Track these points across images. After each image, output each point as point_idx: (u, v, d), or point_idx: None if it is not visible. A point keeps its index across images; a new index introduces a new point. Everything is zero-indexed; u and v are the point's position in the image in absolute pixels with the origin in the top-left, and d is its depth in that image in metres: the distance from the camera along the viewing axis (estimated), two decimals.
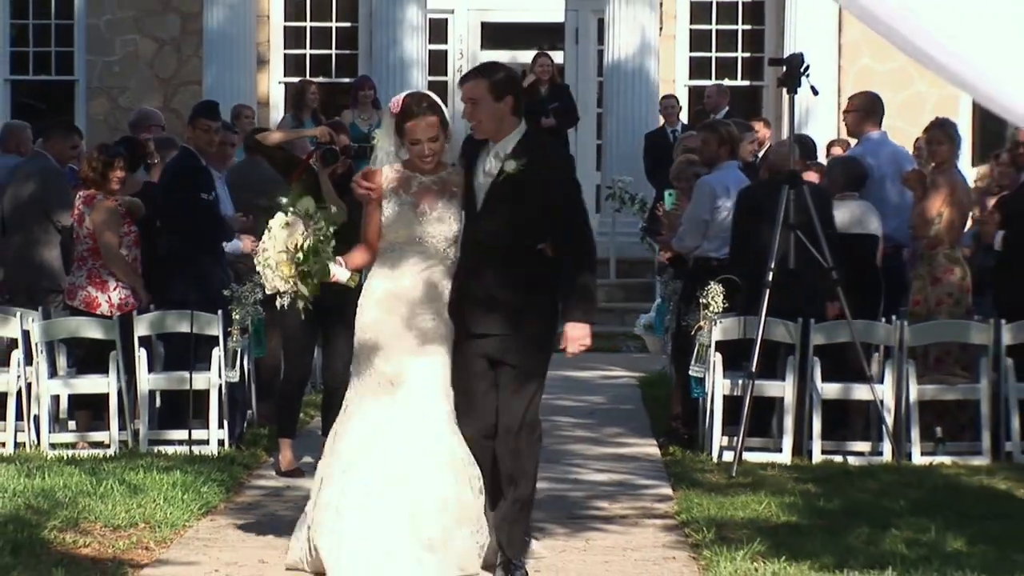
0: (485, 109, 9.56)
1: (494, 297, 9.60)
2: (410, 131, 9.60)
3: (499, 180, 9.56)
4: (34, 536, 10.76)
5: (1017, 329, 14.37)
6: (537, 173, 9.57)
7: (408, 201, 9.69)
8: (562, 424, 16.25)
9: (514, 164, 9.49)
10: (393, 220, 9.69)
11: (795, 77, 14.40)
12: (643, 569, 10.36)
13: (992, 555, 10.26)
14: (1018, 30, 4.05)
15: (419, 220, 9.65)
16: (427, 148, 9.60)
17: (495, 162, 9.62)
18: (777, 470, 13.74)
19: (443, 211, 9.70)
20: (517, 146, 9.60)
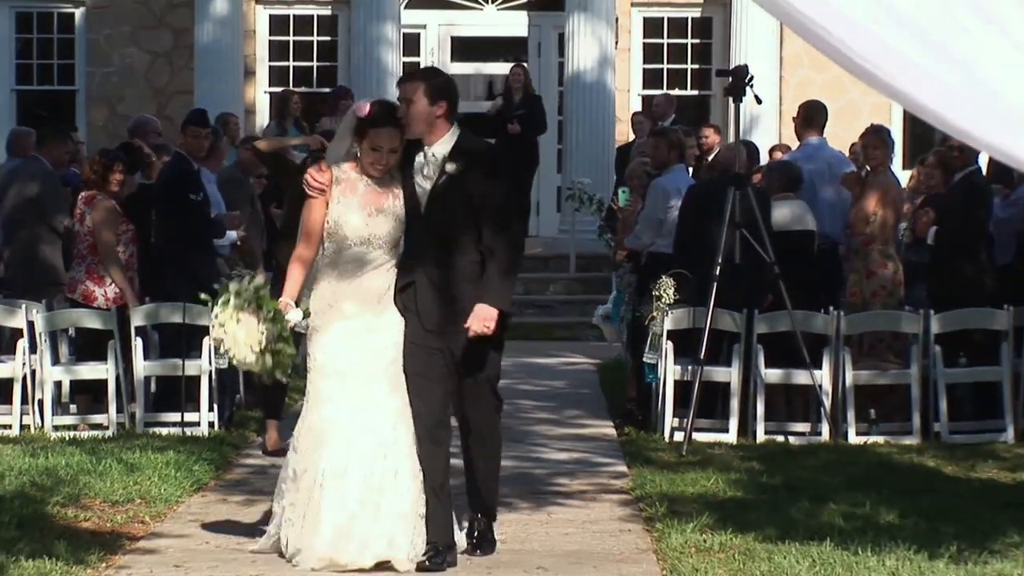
0: (418, 110, 9.25)
1: (443, 293, 9.34)
2: (374, 137, 9.20)
3: (440, 182, 9.31)
4: (38, 511, 10.76)
5: (945, 319, 14.42)
6: (475, 173, 9.34)
7: (356, 203, 9.26)
8: (525, 407, 16.26)
9: (454, 166, 9.26)
10: (342, 221, 9.24)
11: (740, 87, 14.46)
12: (601, 540, 10.37)
13: (922, 527, 10.31)
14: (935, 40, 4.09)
15: (367, 222, 9.22)
16: (386, 158, 9.24)
17: (432, 165, 9.35)
18: (724, 449, 13.78)
19: (389, 212, 9.29)
20: (454, 148, 9.34)
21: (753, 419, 14.36)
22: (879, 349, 14.84)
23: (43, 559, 9.41)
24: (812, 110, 16.73)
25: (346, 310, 9.25)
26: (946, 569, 9.23)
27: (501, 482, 12.29)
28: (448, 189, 9.30)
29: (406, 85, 9.43)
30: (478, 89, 27.56)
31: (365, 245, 9.23)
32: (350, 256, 9.26)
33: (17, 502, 10.90)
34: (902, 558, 9.43)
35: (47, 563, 9.31)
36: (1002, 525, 10.34)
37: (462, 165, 9.27)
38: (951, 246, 14.97)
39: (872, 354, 14.77)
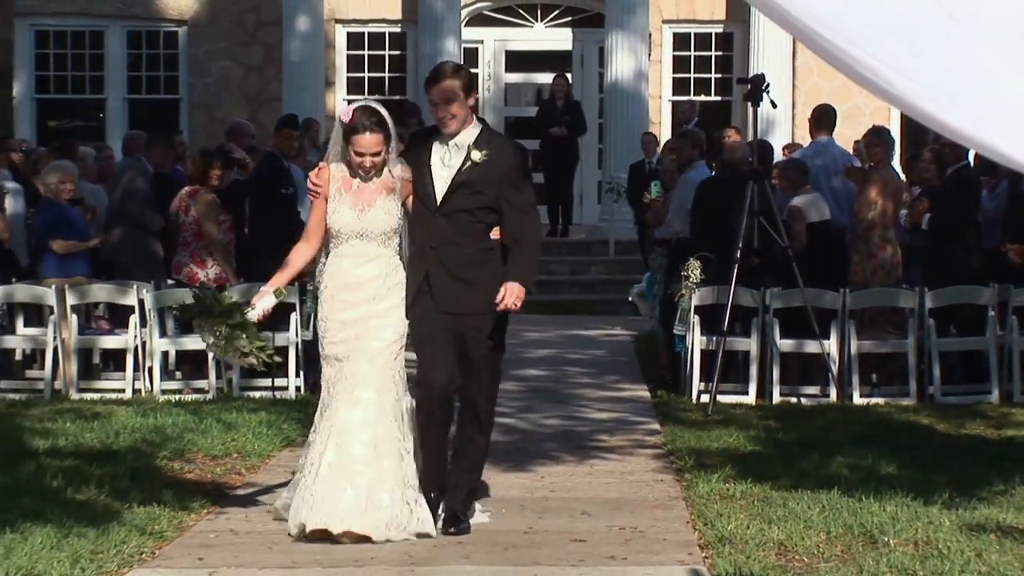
0: (459, 109, 8.61)
1: (457, 277, 8.72)
2: (355, 143, 8.63)
3: (463, 168, 8.66)
4: (148, 464, 10.82)
5: (938, 295, 14.38)
6: (501, 163, 8.70)
7: (349, 200, 8.70)
8: (571, 373, 16.27)
9: (479, 154, 8.62)
10: (338, 216, 8.71)
11: (758, 93, 14.43)
12: (637, 489, 10.36)
13: (918, 477, 10.27)
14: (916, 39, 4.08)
15: (359, 217, 8.67)
16: (368, 162, 8.63)
17: (456, 152, 8.69)
18: (744, 409, 13.76)
19: (381, 206, 8.70)
20: (479, 139, 8.70)
21: (769, 383, 14.32)
22: (880, 322, 14.80)
23: (153, 506, 9.45)
24: (823, 113, 16.73)
25: (347, 298, 8.76)
26: (939, 514, 9.20)
27: (549, 438, 12.36)
28: (471, 176, 8.68)
29: (443, 87, 8.63)
30: (528, 96, 27.56)
31: (359, 238, 8.72)
32: (347, 249, 8.78)
33: (130, 456, 10.96)
34: (900, 504, 9.41)
35: (156, 509, 9.36)
36: (988, 476, 10.30)
37: (487, 155, 8.66)
38: (943, 232, 14.95)
39: (874, 326, 14.73)
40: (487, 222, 8.76)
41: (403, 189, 8.79)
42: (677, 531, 9.06)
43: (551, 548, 8.63)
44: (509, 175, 8.75)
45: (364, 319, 8.73)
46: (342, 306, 8.76)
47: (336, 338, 8.77)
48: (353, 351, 8.73)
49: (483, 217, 8.74)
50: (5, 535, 8.54)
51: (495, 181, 8.67)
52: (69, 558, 8.10)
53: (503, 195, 8.68)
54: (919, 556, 8.24)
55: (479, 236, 8.77)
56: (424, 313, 8.75)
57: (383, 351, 8.75)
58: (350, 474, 8.57)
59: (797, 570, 7.98)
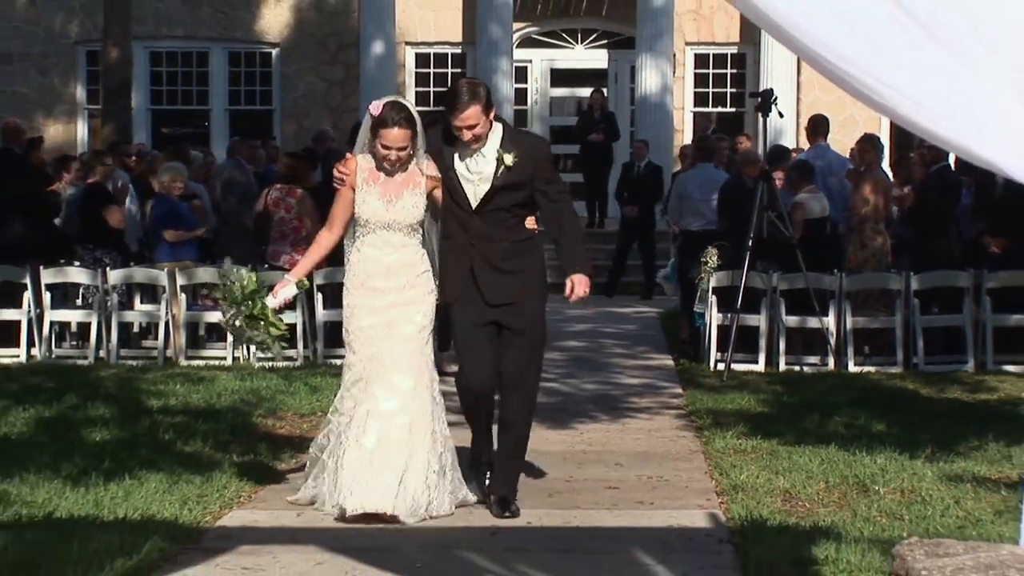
0: (481, 130, 7.74)
1: (503, 268, 7.92)
2: (383, 137, 7.82)
3: (499, 174, 7.80)
4: (245, 421, 10.87)
5: (922, 279, 14.34)
6: (528, 160, 7.84)
7: (377, 191, 7.87)
8: (606, 344, 16.25)
9: (511, 157, 7.76)
10: (366, 207, 7.88)
11: (767, 105, 14.39)
12: (662, 444, 10.35)
13: (903, 434, 10.24)
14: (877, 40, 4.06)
15: (387, 208, 7.85)
16: (394, 155, 7.82)
17: (481, 158, 7.84)
18: (754, 376, 13.72)
19: (408, 199, 7.87)
20: (504, 141, 7.85)
21: (776, 353, 14.28)
22: (871, 302, 14.74)
23: (250, 456, 9.50)
24: (819, 121, 16.72)
25: (376, 285, 7.91)
26: (922, 466, 9.17)
27: (587, 400, 12.34)
28: (506, 179, 7.83)
29: (466, 113, 7.71)
30: (570, 108, 27.50)
31: (387, 229, 7.88)
32: (374, 238, 7.92)
33: (230, 414, 11.02)
34: (889, 458, 9.38)
35: (252, 459, 9.41)
36: (965, 434, 10.26)
37: (517, 156, 7.80)
38: (926, 224, 14.91)
39: (866, 305, 14.68)
40: (521, 215, 8.01)
41: (429, 184, 7.96)
42: (697, 480, 9.05)
43: (589, 494, 8.63)
44: (539, 169, 7.95)
45: (394, 305, 7.91)
46: (371, 293, 7.94)
47: (364, 323, 7.93)
48: (385, 337, 7.89)
49: (518, 212, 7.98)
50: (124, 481, 8.60)
51: (527, 178, 7.89)
52: (178, 501, 8.15)
53: (538, 189, 7.94)
54: (905, 502, 8.22)
55: (516, 229, 8.00)
56: (470, 309, 7.99)
57: (416, 336, 7.93)
58: (389, 458, 7.73)
59: (800, 514, 7.96)
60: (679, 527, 7.76)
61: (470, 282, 7.95)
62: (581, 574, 6.73)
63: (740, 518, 7.81)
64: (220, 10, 27.14)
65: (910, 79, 4.06)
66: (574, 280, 7.94)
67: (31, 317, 14.81)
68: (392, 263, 7.92)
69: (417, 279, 7.97)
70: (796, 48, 4.16)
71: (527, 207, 8.00)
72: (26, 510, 7.93)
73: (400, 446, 7.77)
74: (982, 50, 4.00)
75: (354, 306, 8.00)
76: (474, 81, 8.07)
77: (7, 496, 8.25)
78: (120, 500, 8.14)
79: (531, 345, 8.03)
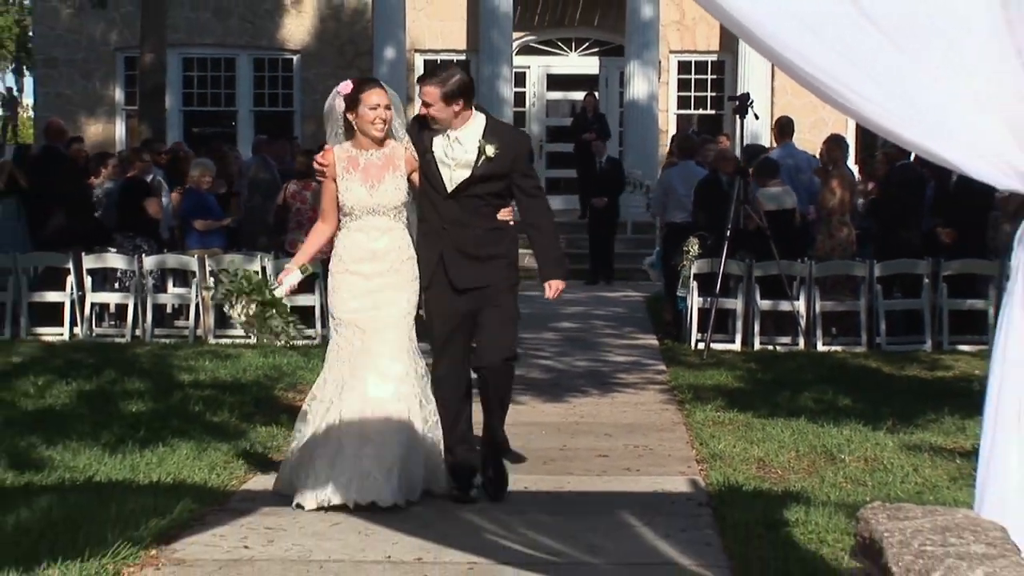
0: (437, 111, 7.26)
1: (473, 255, 7.33)
2: (366, 99, 7.26)
3: (479, 163, 7.28)
4: (268, 394, 10.86)
5: (884, 266, 14.35)
6: (509, 153, 7.32)
7: (358, 177, 7.28)
8: (597, 325, 16.24)
9: (492, 148, 7.24)
10: (350, 194, 7.29)
11: (744, 108, 14.37)
12: (648, 416, 10.35)
13: (868, 408, 10.23)
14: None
15: (370, 193, 7.26)
16: (382, 113, 7.24)
17: (459, 145, 7.32)
18: (731, 355, 13.71)
19: (389, 182, 7.29)
20: (487, 132, 7.33)
21: (751, 334, 14.27)
22: (838, 287, 14.72)
23: (272, 426, 9.50)
24: (786, 123, 16.66)
25: (361, 270, 7.30)
26: (884, 437, 9.17)
27: (579, 376, 12.34)
28: (486, 169, 7.30)
29: (424, 88, 7.33)
30: (564, 110, 27.42)
31: (371, 214, 7.29)
32: (361, 223, 7.32)
33: (254, 388, 11.01)
34: (853, 429, 9.38)
35: (274, 429, 9.40)
36: (923, 408, 10.26)
37: (498, 148, 7.28)
38: (888, 216, 14.92)
39: (833, 290, 14.65)
40: (495, 205, 7.42)
41: (408, 164, 7.36)
42: (679, 449, 9.04)
43: (580, 461, 8.63)
44: (517, 163, 7.39)
45: (380, 289, 7.29)
46: (357, 278, 7.33)
47: (349, 306, 7.32)
48: (372, 321, 7.27)
49: (492, 201, 7.40)
50: (158, 448, 8.60)
51: (506, 170, 7.34)
52: (207, 466, 8.15)
53: (515, 183, 7.39)
54: (868, 470, 8.22)
55: (488, 217, 7.41)
56: (439, 298, 7.43)
57: (402, 321, 7.29)
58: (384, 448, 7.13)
59: (773, 480, 7.96)
60: (663, 492, 7.76)
61: (440, 268, 7.38)
62: (574, 534, 6.73)
63: (718, 484, 7.80)
64: (247, 20, 27.10)
65: (876, 86, 4.04)
66: (550, 284, 7.43)
67: (74, 299, 14.83)
68: (378, 248, 7.32)
69: (403, 264, 7.36)
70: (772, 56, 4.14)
71: (502, 197, 7.46)
72: (68, 474, 7.94)
73: (396, 433, 7.14)
74: (941, 57, 3.99)
75: (340, 288, 7.40)
76: (452, 68, 7.44)
77: (51, 461, 8.26)
78: (154, 466, 8.15)
79: (504, 317, 7.39)
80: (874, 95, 4.04)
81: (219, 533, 6.76)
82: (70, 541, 6.30)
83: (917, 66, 4.00)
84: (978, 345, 13.75)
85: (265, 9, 27.09)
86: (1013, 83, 3.96)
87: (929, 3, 3.99)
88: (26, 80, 46.40)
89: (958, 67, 3.99)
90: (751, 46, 4.25)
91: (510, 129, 7.88)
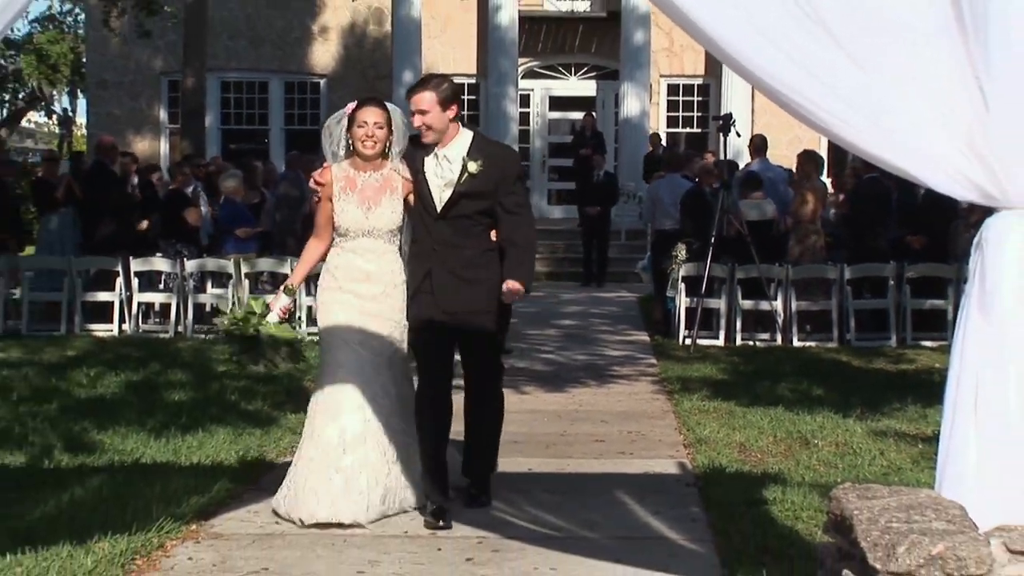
0: (433, 118, 6.46)
1: (459, 278, 6.47)
2: (359, 116, 6.54)
3: (463, 179, 6.45)
4: (297, 385, 10.80)
5: (854, 270, 14.33)
6: (496, 171, 6.49)
7: (355, 199, 6.55)
8: (595, 323, 16.21)
9: (475, 165, 6.42)
10: (345, 215, 6.56)
11: (727, 127, 14.32)
12: (640, 404, 10.33)
13: (839, 398, 10.21)
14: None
15: (366, 215, 6.54)
16: (373, 131, 6.50)
17: (445, 165, 6.50)
18: (716, 350, 13.68)
19: (386, 205, 6.56)
20: (472, 149, 6.51)
21: (734, 331, 14.25)
22: (812, 289, 14.69)
23: (301, 414, 9.42)
24: (761, 141, 16.65)
25: (355, 289, 6.55)
26: (853, 424, 9.15)
27: (578, 369, 12.29)
28: (470, 186, 6.45)
29: (417, 96, 6.47)
30: (564, 128, 27.37)
31: (366, 236, 6.56)
32: (355, 244, 6.58)
33: (285, 379, 10.96)
34: (826, 417, 9.37)
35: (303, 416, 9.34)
36: (888, 397, 10.24)
37: (482, 165, 6.46)
38: (857, 225, 14.91)
39: (808, 292, 14.63)
40: (486, 224, 6.57)
41: (404, 187, 6.61)
42: (668, 435, 9.03)
43: (579, 446, 8.62)
44: (504, 181, 6.52)
45: (372, 314, 6.55)
46: (349, 296, 6.57)
47: (342, 327, 6.55)
48: (360, 344, 6.54)
49: (482, 220, 6.54)
50: (198, 433, 8.61)
51: (492, 188, 6.48)
52: (242, 450, 8.15)
53: (498, 200, 6.51)
54: (839, 453, 8.20)
55: (479, 237, 6.56)
56: (422, 314, 6.52)
57: (392, 345, 6.60)
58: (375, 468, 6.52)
59: (753, 463, 7.94)
60: (653, 473, 7.75)
61: (427, 283, 6.50)
62: (573, 511, 6.72)
63: (703, 466, 7.79)
64: (278, 47, 27.12)
65: (844, 105, 4.01)
66: (509, 285, 6.41)
67: (122, 299, 14.86)
68: (372, 271, 6.58)
69: (395, 289, 6.60)
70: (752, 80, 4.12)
71: (493, 217, 6.57)
72: (117, 457, 7.94)
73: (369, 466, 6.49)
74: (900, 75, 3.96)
75: (331, 304, 6.62)
76: (440, 77, 6.67)
77: (102, 445, 8.27)
78: (194, 449, 8.15)
79: (490, 340, 6.63)
80: (841, 112, 4.01)
81: (253, 510, 6.76)
82: (119, 517, 6.31)
83: (879, 84, 3.97)
84: (939, 341, 13.70)
85: (295, 37, 27.12)
86: (970, 101, 3.92)
87: (886, 21, 3.94)
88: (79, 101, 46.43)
89: (919, 85, 3.94)
90: (730, 67, 4.24)
91: (498, 147, 6.94)
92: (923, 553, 3.70)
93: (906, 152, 4.02)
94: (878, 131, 4.00)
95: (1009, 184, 3.93)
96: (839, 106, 4.00)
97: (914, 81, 3.95)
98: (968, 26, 3.88)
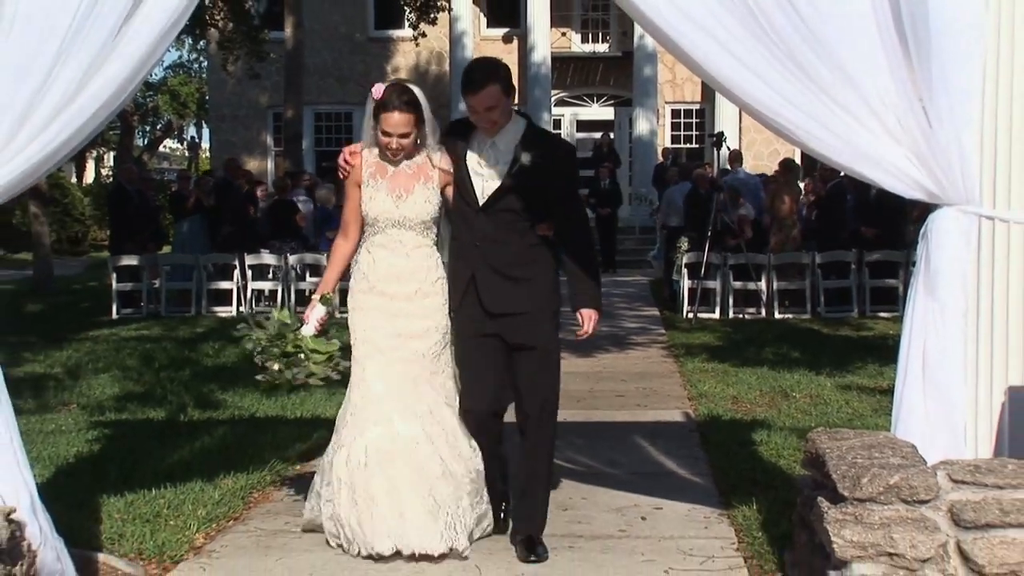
0: (501, 113, 4.73)
1: (508, 275, 4.71)
2: (383, 121, 4.77)
3: (513, 171, 4.68)
4: None
5: (823, 256, 14.25)
6: (547, 165, 4.69)
7: (385, 186, 4.82)
8: (614, 302, 16.17)
9: (528, 156, 4.68)
10: (374, 203, 4.82)
11: (720, 142, 14.30)
12: (652, 366, 10.29)
13: (812, 359, 10.14)
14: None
15: (397, 204, 4.79)
16: (395, 143, 4.78)
17: (495, 153, 4.74)
18: (713, 322, 13.62)
19: (419, 194, 4.80)
20: (524, 139, 4.74)
21: (727, 306, 14.17)
22: (790, 271, 14.60)
23: None
24: (738, 154, 16.57)
25: (385, 290, 4.83)
26: (824, 380, 9.09)
27: (601, 338, 12.10)
28: (520, 180, 4.69)
29: (483, 93, 4.67)
30: (588, 146, 27.22)
31: (398, 227, 4.80)
32: (385, 238, 4.83)
33: None
34: (801, 374, 9.32)
35: None
36: (852, 358, 10.16)
37: (538, 156, 4.70)
38: (826, 221, 14.82)
39: (786, 274, 14.54)
40: (533, 220, 4.74)
41: (442, 178, 4.86)
42: (676, 390, 9.00)
43: (604, 399, 8.61)
44: (559, 177, 4.74)
45: (406, 316, 4.81)
46: (380, 298, 4.85)
47: (375, 333, 4.84)
48: (395, 349, 4.81)
49: (530, 216, 4.73)
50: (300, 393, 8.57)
51: (544, 183, 4.69)
52: (336, 404, 8.04)
53: (556, 205, 4.74)
54: (812, 404, 8.16)
55: (524, 233, 4.74)
56: (469, 322, 4.78)
57: (428, 354, 4.82)
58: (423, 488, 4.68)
59: (743, 412, 7.91)
60: (664, 421, 7.73)
61: (471, 289, 4.77)
62: (599, 452, 6.72)
63: (704, 415, 7.77)
64: (360, 84, 27.14)
65: (812, 123, 4.05)
66: (583, 315, 4.78)
67: (239, 286, 14.96)
68: (404, 267, 4.82)
69: (432, 287, 4.84)
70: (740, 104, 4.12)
71: (541, 212, 4.75)
72: (237, 412, 8.00)
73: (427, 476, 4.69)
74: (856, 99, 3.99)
75: (361, 309, 4.89)
76: (492, 59, 4.95)
77: (225, 402, 8.33)
78: (297, 405, 8.19)
79: (543, 360, 4.76)
80: (814, 130, 4.05)
81: None
82: (239, 459, 6.36)
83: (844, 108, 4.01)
84: (892, 312, 13.58)
85: (373, 77, 27.19)
86: (916, 120, 3.98)
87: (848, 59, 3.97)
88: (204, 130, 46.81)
89: (873, 107, 3.99)
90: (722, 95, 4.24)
91: (553, 137, 5.21)
92: (882, 483, 3.69)
93: (866, 161, 4.05)
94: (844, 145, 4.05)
95: (949, 185, 3.98)
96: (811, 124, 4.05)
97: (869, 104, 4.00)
98: (914, 60, 3.93)
